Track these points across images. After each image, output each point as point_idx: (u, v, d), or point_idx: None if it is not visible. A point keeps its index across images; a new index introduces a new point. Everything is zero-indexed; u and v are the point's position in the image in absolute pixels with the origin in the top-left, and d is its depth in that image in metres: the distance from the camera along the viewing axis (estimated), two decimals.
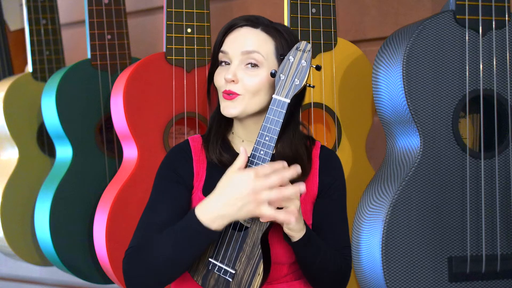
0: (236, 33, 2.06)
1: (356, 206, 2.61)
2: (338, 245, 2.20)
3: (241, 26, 2.07)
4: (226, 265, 2.05)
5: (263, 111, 2.10)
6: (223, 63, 2.07)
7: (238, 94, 2.04)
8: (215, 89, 2.15)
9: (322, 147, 2.22)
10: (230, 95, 2.04)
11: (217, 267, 2.05)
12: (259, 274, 2.03)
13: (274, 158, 2.10)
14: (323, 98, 2.80)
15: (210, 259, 2.06)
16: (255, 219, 2.03)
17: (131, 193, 2.86)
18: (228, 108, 2.05)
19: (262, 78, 2.05)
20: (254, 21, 2.07)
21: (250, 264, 2.03)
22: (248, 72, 2.04)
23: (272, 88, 2.08)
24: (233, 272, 2.04)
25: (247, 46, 2.04)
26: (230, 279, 2.04)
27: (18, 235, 3.61)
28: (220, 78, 2.06)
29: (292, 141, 2.10)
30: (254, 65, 2.05)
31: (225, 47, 2.06)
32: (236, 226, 2.05)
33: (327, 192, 2.19)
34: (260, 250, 2.03)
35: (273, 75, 2.01)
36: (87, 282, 3.32)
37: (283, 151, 2.09)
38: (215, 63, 2.10)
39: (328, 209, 2.19)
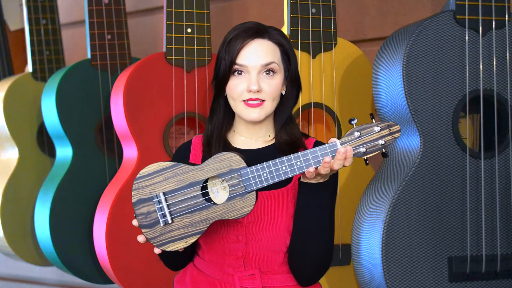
0: (250, 47, 2.14)
1: (356, 206, 2.61)
2: None
3: (252, 39, 2.15)
4: (171, 211, 2.03)
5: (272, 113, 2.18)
6: (236, 73, 2.12)
7: (263, 101, 2.12)
8: (221, 95, 2.18)
9: (317, 141, 2.23)
10: (255, 102, 2.12)
11: (161, 205, 2.04)
12: (186, 242, 2.03)
13: (275, 146, 2.18)
14: (323, 98, 2.80)
15: (162, 192, 2.03)
16: (228, 205, 2.03)
17: (131, 193, 2.86)
18: (253, 114, 2.13)
19: (278, 84, 2.14)
20: (260, 32, 2.15)
21: (187, 228, 2.02)
22: (267, 80, 2.13)
23: (280, 90, 2.16)
24: (170, 222, 2.03)
25: (265, 58, 2.13)
26: (162, 224, 2.03)
27: (18, 235, 3.62)
28: (238, 88, 2.12)
29: (287, 128, 2.19)
30: (269, 72, 2.14)
31: (243, 60, 2.13)
32: (206, 195, 2.04)
33: None
34: (206, 228, 2.02)
35: (384, 154, 2.04)
36: (87, 282, 3.33)
37: (281, 137, 2.18)
38: (226, 74, 2.13)
39: None
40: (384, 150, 2.04)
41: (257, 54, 2.12)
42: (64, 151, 3.29)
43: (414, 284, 2.45)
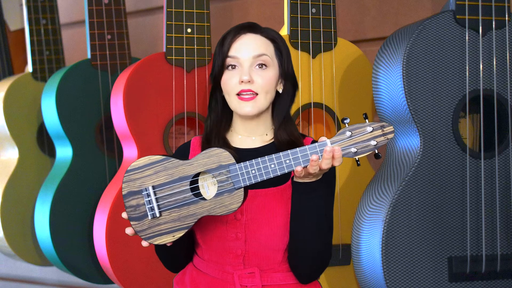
0: (241, 40, 2.16)
1: (356, 206, 2.61)
2: None
3: (244, 33, 2.17)
4: (159, 205, 2.04)
5: (267, 109, 2.17)
6: (230, 67, 2.13)
7: (255, 93, 2.13)
8: (218, 92, 2.19)
9: (314, 141, 2.24)
10: (248, 96, 2.13)
11: (149, 198, 2.04)
12: (173, 236, 2.03)
13: (274, 145, 2.18)
14: (323, 98, 2.80)
15: (152, 186, 2.04)
16: (216, 201, 2.04)
17: None
18: (246, 107, 2.14)
19: (271, 77, 2.15)
20: (253, 28, 2.19)
21: (174, 223, 2.03)
22: (259, 73, 2.14)
23: (276, 86, 2.16)
24: (158, 215, 2.03)
25: (256, 50, 2.14)
26: (150, 217, 2.04)
27: (18, 235, 3.62)
28: (231, 81, 2.14)
29: (286, 126, 2.19)
30: (262, 65, 2.14)
31: (234, 53, 2.15)
32: (195, 189, 2.05)
33: None
34: (193, 224, 2.03)
35: (377, 156, 2.02)
36: (87, 282, 3.33)
37: (280, 137, 2.18)
38: (221, 70, 2.14)
39: None
40: (376, 151, 2.01)
41: (249, 47, 2.14)
42: (64, 151, 3.29)
43: (414, 284, 2.45)
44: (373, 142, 2.00)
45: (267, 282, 2.15)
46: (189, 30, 2.91)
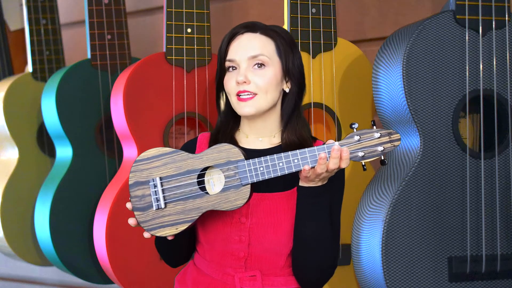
0: (238, 41, 2.16)
1: (356, 206, 2.61)
2: None
3: (242, 33, 2.16)
4: (165, 197, 2.04)
5: (271, 108, 2.16)
6: (230, 69, 2.14)
7: (253, 93, 2.12)
8: (223, 93, 2.20)
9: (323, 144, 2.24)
10: (246, 95, 2.12)
11: (156, 189, 2.04)
12: (176, 229, 2.03)
13: (281, 146, 2.17)
14: (323, 98, 2.80)
15: (159, 177, 2.04)
16: (221, 196, 2.04)
17: None
18: (245, 108, 2.13)
19: (270, 77, 2.13)
20: (252, 26, 2.17)
21: (179, 215, 2.03)
22: (257, 73, 2.13)
23: (279, 85, 2.14)
24: (163, 207, 2.04)
25: (252, 51, 2.13)
26: (154, 208, 2.04)
27: (18, 235, 3.62)
28: (230, 83, 2.13)
29: (297, 129, 2.17)
30: (261, 65, 2.13)
31: (231, 55, 2.15)
32: (201, 183, 2.05)
33: None
34: (197, 218, 2.03)
35: (383, 162, 2.04)
36: (87, 282, 3.33)
37: (289, 138, 2.16)
38: (222, 72, 2.15)
39: None
40: (382, 157, 2.04)
41: (244, 48, 2.13)
42: (64, 151, 3.29)
43: (414, 284, 2.45)
44: (380, 148, 2.03)
45: (268, 285, 2.14)
46: (189, 30, 2.91)
